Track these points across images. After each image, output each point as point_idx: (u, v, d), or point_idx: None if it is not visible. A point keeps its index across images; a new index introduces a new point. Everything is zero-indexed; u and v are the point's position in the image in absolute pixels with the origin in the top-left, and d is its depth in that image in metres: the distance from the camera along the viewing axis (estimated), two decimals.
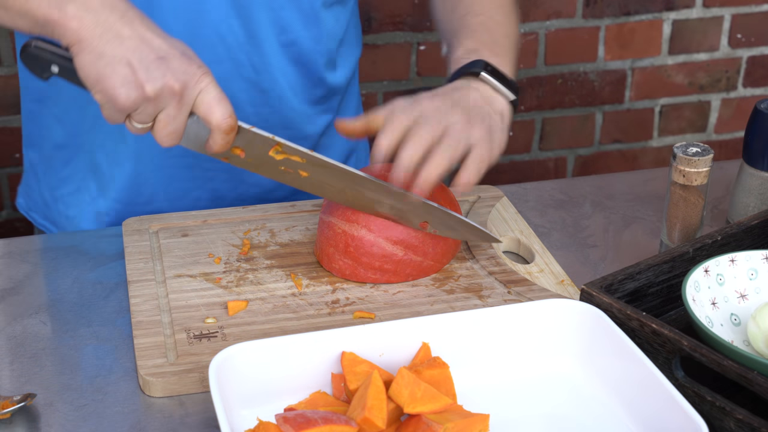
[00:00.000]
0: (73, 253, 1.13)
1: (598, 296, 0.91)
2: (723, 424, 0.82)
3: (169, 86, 0.90)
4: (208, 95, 0.92)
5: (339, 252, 1.04)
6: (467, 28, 1.12)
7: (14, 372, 0.94)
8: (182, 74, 0.91)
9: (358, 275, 1.04)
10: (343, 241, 1.04)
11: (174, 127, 0.93)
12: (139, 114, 0.92)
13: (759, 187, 1.13)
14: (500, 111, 1.04)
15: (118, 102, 0.90)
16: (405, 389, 0.82)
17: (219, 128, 0.93)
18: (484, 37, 1.11)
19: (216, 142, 0.95)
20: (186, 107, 0.92)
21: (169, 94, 0.91)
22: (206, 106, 0.93)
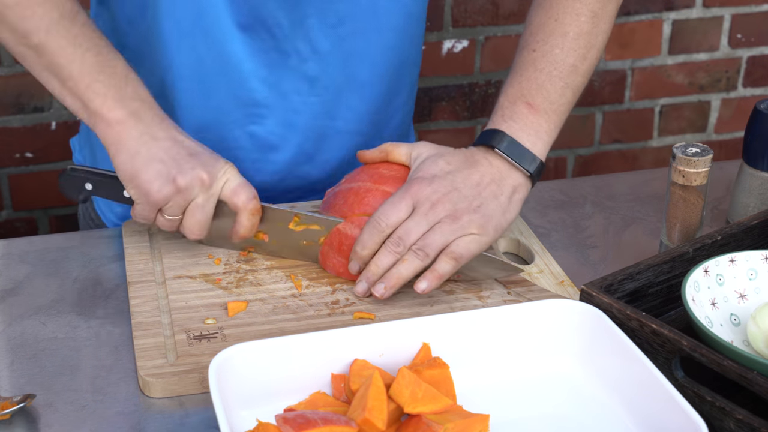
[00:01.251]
0: (73, 253, 1.13)
1: (597, 296, 0.91)
2: (723, 425, 0.82)
3: (199, 177, 1.00)
4: (233, 182, 1.03)
5: (333, 250, 1.04)
6: (518, 67, 1.07)
7: (14, 372, 0.94)
8: (210, 167, 1.01)
9: (352, 275, 1.04)
10: (337, 240, 1.04)
11: (202, 216, 1.02)
12: (170, 207, 1.01)
13: (759, 188, 1.13)
14: (512, 188, 1.03)
15: (151, 195, 1.00)
16: (406, 389, 0.82)
17: (246, 208, 1.03)
18: (530, 83, 1.06)
19: (242, 224, 1.04)
20: (214, 196, 1.02)
21: (198, 185, 1.00)
22: (232, 191, 1.02)
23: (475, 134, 2.24)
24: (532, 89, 1.05)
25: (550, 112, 1.06)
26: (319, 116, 1.18)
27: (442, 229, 0.99)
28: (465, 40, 2.14)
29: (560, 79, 1.06)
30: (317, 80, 1.15)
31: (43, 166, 2.04)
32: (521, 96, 1.05)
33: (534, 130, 1.05)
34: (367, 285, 1.01)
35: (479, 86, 2.19)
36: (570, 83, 1.07)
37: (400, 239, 0.99)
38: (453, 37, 2.13)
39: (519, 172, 1.04)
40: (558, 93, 1.06)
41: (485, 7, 2.12)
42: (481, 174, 1.02)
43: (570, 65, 1.06)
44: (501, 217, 1.02)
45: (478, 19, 2.13)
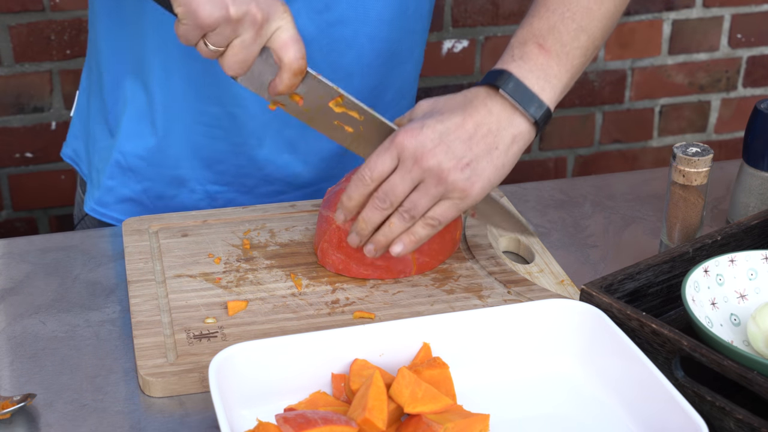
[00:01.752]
0: (73, 253, 1.13)
1: (598, 296, 0.91)
2: (723, 424, 0.82)
3: (252, 14, 0.91)
4: (286, 33, 0.94)
5: (332, 247, 1.05)
6: (532, 8, 1.02)
7: (14, 372, 0.94)
8: (266, 6, 0.92)
9: (350, 270, 1.04)
10: (336, 236, 1.04)
11: (245, 56, 0.94)
12: (216, 35, 0.92)
13: (759, 187, 1.13)
14: (512, 137, 0.97)
15: (199, 17, 0.91)
16: (406, 389, 0.82)
17: (290, 67, 0.95)
18: (541, 23, 0.99)
19: (282, 81, 0.96)
20: (263, 38, 0.93)
21: (250, 21, 0.92)
22: (282, 42, 0.94)
23: None
24: (543, 30, 0.99)
25: (561, 54, 0.99)
26: None
27: (428, 190, 0.96)
28: (465, 40, 2.14)
29: (573, 20, 0.99)
30: None
31: (43, 166, 2.04)
32: (532, 37, 0.99)
33: (543, 72, 0.98)
34: (358, 238, 1.01)
35: None
36: (585, 26, 1.00)
37: (386, 195, 0.97)
38: (453, 37, 2.13)
39: (522, 117, 0.97)
40: (571, 35, 0.99)
41: (485, 7, 2.12)
42: (476, 123, 0.96)
43: (584, 7, 1.00)
44: (492, 173, 0.97)
45: (478, 19, 2.13)
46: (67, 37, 1.95)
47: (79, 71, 1.98)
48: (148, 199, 1.24)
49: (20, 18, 1.90)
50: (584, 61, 1.01)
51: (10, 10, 1.89)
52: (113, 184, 1.23)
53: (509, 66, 0.98)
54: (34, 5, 1.91)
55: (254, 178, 1.23)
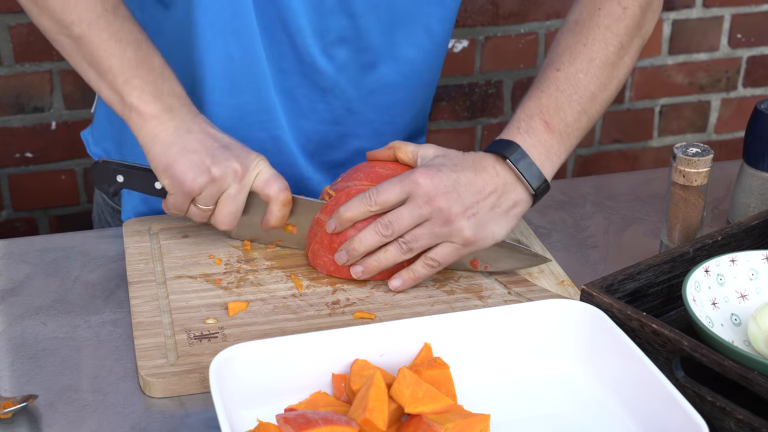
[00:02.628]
0: (73, 253, 1.13)
1: (598, 296, 0.91)
2: (723, 425, 0.82)
3: (233, 168, 1.02)
4: (266, 174, 1.04)
5: (324, 248, 1.05)
6: (541, 83, 1.06)
7: (15, 373, 0.94)
8: (243, 158, 1.03)
9: (341, 272, 1.04)
10: (327, 237, 1.04)
11: (234, 206, 1.04)
12: (203, 197, 1.03)
13: (759, 188, 1.13)
14: (513, 202, 1.02)
15: (185, 185, 1.01)
16: (407, 389, 0.82)
17: (277, 199, 1.04)
18: (549, 101, 1.05)
19: (273, 215, 1.05)
20: (246, 186, 1.03)
21: (232, 175, 1.02)
22: (264, 182, 1.04)
23: (475, 134, 2.25)
24: (550, 108, 1.04)
25: (564, 134, 1.05)
26: (328, 122, 1.19)
27: (432, 229, 0.99)
28: (465, 40, 2.14)
29: (579, 103, 1.05)
30: (330, 90, 1.17)
31: (43, 166, 2.04)
32: (539, 112, 1.04)
33: (545, 149, 1.04)
34: (347, 257, 1.03)
35: (479, 86, 2.19)
36: (587, 110, 1.06)
37: (390, 223, 1.00)
38: (453, 37, 2.13)
39: (523, 187, 1.03)
40: (574, 117, 1.05)
41: (485, 7, 2.12)
42: (484, 181, 1.01)
43: (591, 92, 1.06)
44: (493, 228, 1.01)
45: (478, 19, 2.13)
46: None
47: None
48: None
49: (20, 18, 1.90)
50: (580, 139, 1.08)
51: (10, 10, 1.89)
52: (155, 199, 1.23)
53: (516, 138, 1.03)
54: None
55: None
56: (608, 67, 1.07)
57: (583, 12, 1.09)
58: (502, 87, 2.20)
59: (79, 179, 2.07)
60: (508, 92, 2.22)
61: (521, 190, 1.03)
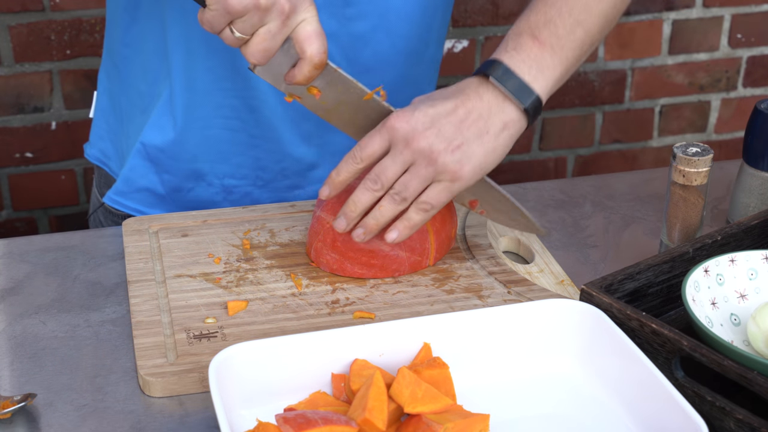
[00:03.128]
0: (73, 253, 1.13)
1: (597, 296, 0.91)
2: (723, 424, 0.82)
3: (281, 4, 0.93)
4: (310, 26, 0.95)
5: (326, 246, 1.05)
6: (531, 3, 1.03)
7: (14, 372, 0.94)
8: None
9: (345, 270, 1.04)
10: (330, 236, 1.04)
11: (270, 44, 0.95)
12: (243, 22, 0.94)
13: (759, 188, 1.13)
14: (502, 123, 0.98)
15: (229, 3, 0.92)
16: (406, 389, 0.82)
17: (311, 59, 0.96)
18: (538, 16, 1.00)
19: (302, 71, 0.97)
20: (288, 28, 0.95)
21: (278, 11, 0.93)
22: (306, 35, 0.95)
23: None
24: (539, 22, 1.00)
25: (556, 47, 1.00)
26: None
27: (418, 172, 0.97)
28: (465, 40, 2.14)
29: (570, 15, 1.01)
30: None
31: (43, 166, 2.04)
32: (527, 29, 1.00)
33: (536, 63, 0.99)
34: (346, 221, 1.01)
35: None
36: (581, 21, 1.01)
37: (377, 177, 0.98)
38: (453, 37, 2.13)
39: (512, 105, 0.98)
40: (567, 29, 1.00)
41: (485, 7, 2.12)
42: (467, 109, 0.97)
43: (582, 2, 1.02)
44: (483, 157, 0.97)
45: (478, 19, 2.13)
46: (67, 37, 1.95)
47: (79, 71, 1.98)
48: (165, 191, 1.24)
49: (20, 18, 1.90)
50: (579, 55, 1.02)
51: (10, 10, 1.89)
52: (132, 174, 1.23)
53: (502, 56, 0.99)
54: (34, 5, 1.91)
55: (271, 172, 1.23)
56: None
57: None
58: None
59: (79, 179, 2.07)
60: None
61: (511, 109, 0.98)
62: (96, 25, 1.95)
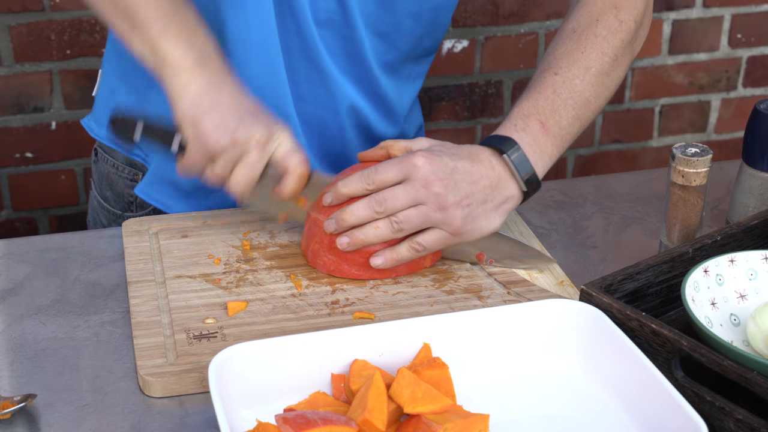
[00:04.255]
0: (73, 253, 1.13)
1: (597, 296, 0.91)
2: (723, 425, 0.82)
3: (257, 134, 1.01)
4: (287, 145, 1.03)
5: (324, 248, 1.05)
6: (538, 85, 1.09)
7: (14, 372, 0.94)
8: (267, 127, 1.02)
9: (342, 271, 1.04)
10: (328, 238, 1.04)
11: (251, 172, 1.02)
12: (223, 159, 1.01)
13: (759, 188, 1.13)
14: (505, 197, 1.04)
15: (209, 143, 1.00)
16: (406, 389, 0.82)
17: (295, 171, 1.03)
18: (546, 103, 1.07)
19: (289, 185, 1.04)
20: (266, 154, 1.02)
21: (255, 141, 1.01)
22: (284, 153, 1.03)
23: (475, 134, 2.25)
24: (547, 109, 1.07)
25: (558, 136, 1.07)
26: (328, 109, 1.20)
27: (426, 212, 1.00)
28: (465, 40, 2.14)
29: (574, 108, 1.08)
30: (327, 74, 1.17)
31: (43, 166, 2.04)
32: (536, 113, 1.06)
33: (540, 148, 1.06)
34: (336, 226, 1.03)
35: (479, 86, 2.19)
36: (581, 115, 1.09)
37: (385, 200, 1.01)
38: (453, 37, 2.13)
39: (515, 183, 1.05)
40: (569, 121, 1.08)
41: (485, 7, 2.12)
42: (480, 173, 1.02)
43: (585, 98, 1.08)
44: (484, 222, 1.03)
45: (478, 19, 2.13)
46: (67, 37, 1.95)
47: (79, 71, 1.98)
48: (189, 187, 1.24)
49: (20, 18, 1.90)
50: (571, 143, 1.10)
51: (10, 10, 1.89)
52: (161, 164, 1.23)
53: (513, 135, 1.05)
54: (34, 5, 1.91)
55: None
56: (603, 76, 1.09)
57: (581, 21, 1.11)
58: (502, 87, 2.20)
59: (79, 179, 2.07)
60: (508, 92, 2.22)
61: (514, 186, 1.04)
62: (96, 25, 1.95)
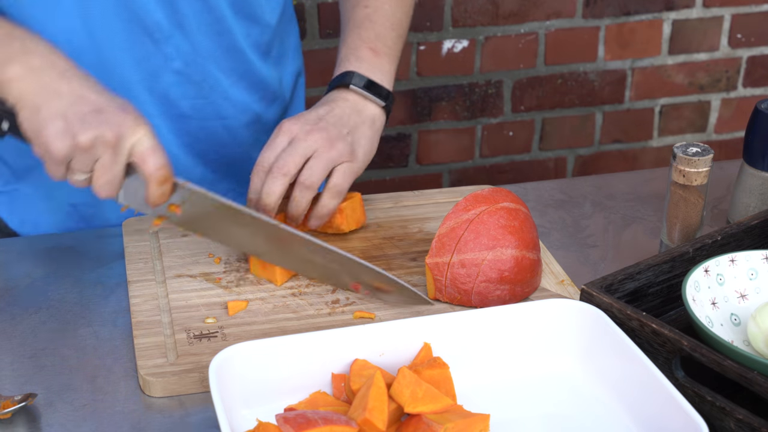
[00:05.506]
0: (73, 253, 1.13)
1: (598, 296, 0.91)
2: (723, 424, 0.82)
3: (102, 136, 0.93)
4: (143, 145, 0.94)
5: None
6: (354, 21, 1.17)
7: (14, 372, 0.94)
8: (117, 125, 0.93)
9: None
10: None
11: (110, 177, 0.95)
12: (74, 165, 0.94)
13: (760, 188, 1.13)
14: (371, 117, 1.11)
15: (52, 153, 0.93)
16: (406, 389, 0.82)
17: (152, 177, 0.95)
18: (368, 32, 1.16)
19: (151, 192, 0.96)
20: (121, 156, 0.94)
21: (102, 144, 0.93)
22: (140, 156, 0.94)
23: (475, 134, 2.25)
24: (371, 37, 1.16)
25: (390, 56, 1.16)
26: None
27: (321, 156, 1.04)
28: (465, 40, 2.14)
29: (393, 29, 1.18)
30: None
31: None
32: (363, 43, 1.15)
33: (378, 69, 1.13)
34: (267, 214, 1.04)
35: (479, 86, 2.19)
36: (401, 34, 1.19)
37: (281, 166, 1.03)
38: (453, 37, 2.13)
39: (373, 103, 1.12)
40: (393, 40, 1.17)
41: (485, 7, 2.12)
42: (341, 108, 1.09)
43: (398, 19, 1.19)
44: (368, 144, 1.10)
45: (478, 19, 2.13)
46: None
47: None
48: None
49: None
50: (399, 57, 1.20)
51: None
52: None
53: (350, 68, 1.13)
54: None
55: None
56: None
57: None
58: (501, 87, 2.20)
59: None
60: (507, 92, 2.22)
61: (373, 106, 1.12)
62: None
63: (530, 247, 1.01)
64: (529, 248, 1.01)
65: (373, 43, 1.15)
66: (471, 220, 1.00)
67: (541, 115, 2.26)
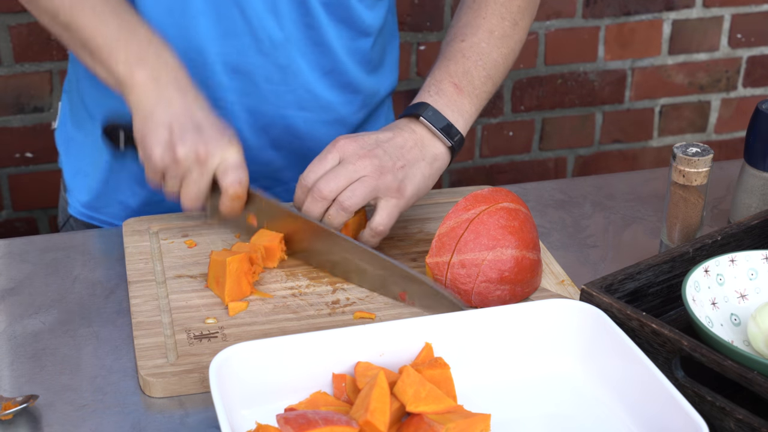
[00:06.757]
0: (73, 253, 1.13)
1: (598, 296, 0.91)
2: (723, 424, 0.82)
3: (196, 151, 1.01)
4: (227, 162, 1.03)
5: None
6: (447, 54, 1.14)
7: (14, 372, 0.94)
8: (211, 143, 1.01)
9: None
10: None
11: (195, 189, 1.03)
12: (168, 176, 1.03)
13: (761, 188, 1.13)
14: (433, 155, 1.08)
15: (152, 159, 1.02)
16: (410, 388, 0.82)
17: (226, 191, 1.03)
18: (457, 67, 1.12)
19: (224, 203, 1.04)
20: (208, 172, 1.02)
21: (194, 158, 1.01)
22: (222, 171, 1.03)
23: (475, 134, 2.25)
24: (458, 73, 1.12)
25: (473, 95, 1.12)
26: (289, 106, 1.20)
27: (368, 182, 1.02)
28: None
29: (484, 69, 1.13)
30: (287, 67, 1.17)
31: (43, 166, 2.04)
32: (448, 77, 1.11)
33: (457, 107, 1.10)
34: None
35: None
36: (492, 75, 1.14)
37: (319, 190, 1.02)
38: None
39: (440, 141, 1.08)
40: (481, 80, 1.13)
41: None
42: (404, 138, 1.06)
43: (494, 59, 1.14)
44: (422, 180, 1.06)
45: None
46: None
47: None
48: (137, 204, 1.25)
49: (20, 18, 1.90)
50: (487, 101, 1.16)
51: (10, 10, 1.89)
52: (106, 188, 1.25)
53: (427, 100, 1.10)
54: None
55: None
56: (506, 39, 1.15)
57: None
58: (502, 87, 2.20)
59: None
60: (508, 92, 2.22)
61: (439, 144, 1.08)
62: None
63: (530, 247, 1.01)
64: (529, 248, 1.01)
65: (458, 78, 1.11)
66: (471, 220, 1.00)
67: (541, 115, 2.26)
